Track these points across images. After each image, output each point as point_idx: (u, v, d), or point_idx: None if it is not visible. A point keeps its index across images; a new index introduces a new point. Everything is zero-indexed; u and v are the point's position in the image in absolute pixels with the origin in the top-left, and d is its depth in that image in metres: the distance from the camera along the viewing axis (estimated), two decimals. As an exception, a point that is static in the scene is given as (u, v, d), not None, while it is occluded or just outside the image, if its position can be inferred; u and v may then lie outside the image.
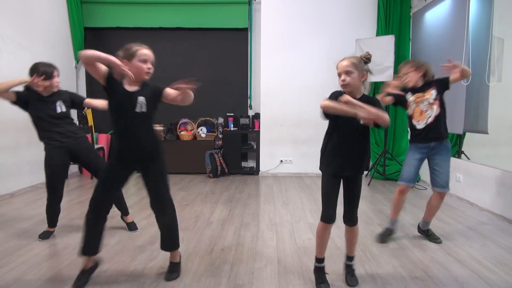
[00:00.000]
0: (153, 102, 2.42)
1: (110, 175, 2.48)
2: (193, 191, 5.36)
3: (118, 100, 2.36)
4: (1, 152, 4.76)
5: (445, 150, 3.18)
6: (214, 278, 2.59)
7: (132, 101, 2.34)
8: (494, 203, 4.17)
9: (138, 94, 2.36)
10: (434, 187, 3.25)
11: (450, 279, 2.59)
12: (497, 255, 3.03)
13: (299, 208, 4.44)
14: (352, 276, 2.55)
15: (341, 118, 2.28)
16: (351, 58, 2.32)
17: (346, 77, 2.29)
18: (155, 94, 2.43)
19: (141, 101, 2.35)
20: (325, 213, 2.40)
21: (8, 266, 2.74)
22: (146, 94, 2.39)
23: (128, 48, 2.34)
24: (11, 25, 4.96)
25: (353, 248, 2.57)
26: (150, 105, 2.40)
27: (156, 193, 2.53)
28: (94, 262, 2.56)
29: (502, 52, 4.42)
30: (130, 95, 2.35)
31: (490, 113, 4.40)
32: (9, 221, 3.81)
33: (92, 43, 6.85)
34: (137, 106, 2.35)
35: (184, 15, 6.71)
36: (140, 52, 2.33)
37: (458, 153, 5.10)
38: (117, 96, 2.35)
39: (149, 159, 2.46)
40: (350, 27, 6.45)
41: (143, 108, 2.36)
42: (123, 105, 2.35)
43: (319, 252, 2.50)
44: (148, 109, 2.38)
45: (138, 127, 2.40)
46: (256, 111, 6.94)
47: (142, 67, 2.34)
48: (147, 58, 2.35)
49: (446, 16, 5.11)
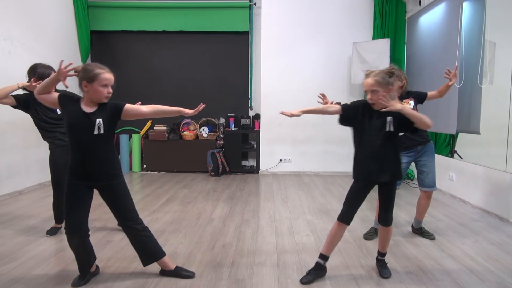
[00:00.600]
0: (111, 122, 2.34)
1: (74, 193, 2.36)
2: (195, 189, 5.45)
3: (75, 121, 2.27)
4: (10, 151, 4.85)
5: (429, 151, 3.31)
6: (215, 273, 2.65)
7: (89, 122, 2.26)
8: (485, 200, 4.27)
9: (95, 116, 2.27)
10: (421, 187, 3.36)
11: (443, 274, 2.67)
12: (489, 251, 3.11)
13: (297, 206, 4.53)
14: (385, 268, 2.66)
15: (364, 125, 2.42)
16: (375, 76, 2.36)
17: (372, 96, 2.37)
18: (114, 113, 2.34)
19: (98, 123, 2.26)
20: (342, 213, 2.51)
21: (17, 261, 2.80)
22: (104, 115, 2.29)
23: (89, 70, 2.26)
24: (20, 29, 5.07)
25: (386, 246, 2.67)
26: (107, 126, 2.30)
27: (119, 210, 2.44)
28: (96, 267, 2.60)
29: (494, 55, 4.50)
30: (88, 116, 2.27)
31: (482, 114, 4.49)
32: (17, 218, 3.89)
33: (98, 46, 6.97)
34: (95, 128, 2.26)
35: (187, 19, 6.82)
36: (102, 76, 2.26)
37: (451, 153, 5.20)
38: (73, 117, 2.28)
39: (105, 179, 2.36)
40: (347, 31, 6.57)
41: (101, 130, 2.27)
42: (79, 126, 2.27)
43: (325, 248, 2.59)
44: (105, 130, 2.29)
45: (94, 149, 2.30)
46: (256, 112, 7.04)
47: (103, 92, 2.27)
48: (108, 83, 2.28)
49: (440, 20, 5.20)
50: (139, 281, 2.51)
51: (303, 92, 6.63)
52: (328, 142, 6.76)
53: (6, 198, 4.68)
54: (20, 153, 5.04)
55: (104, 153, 2.34)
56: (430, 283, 2.53)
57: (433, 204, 4.60)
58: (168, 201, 4.66)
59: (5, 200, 4.63)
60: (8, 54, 4.81)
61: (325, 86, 6.62)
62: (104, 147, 2.34)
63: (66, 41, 6.18)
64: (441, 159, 5.30)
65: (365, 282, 2.54)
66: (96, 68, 2.27)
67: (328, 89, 6.64)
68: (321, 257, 2.59)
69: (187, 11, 6.81)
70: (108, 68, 2.34)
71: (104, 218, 3.85)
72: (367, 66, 6.07)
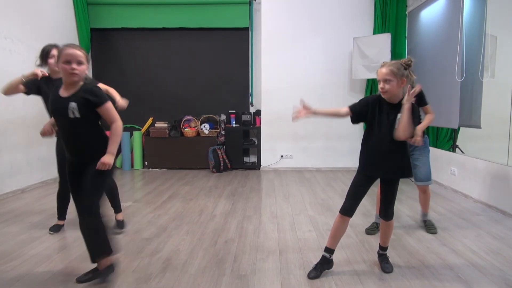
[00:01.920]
0: (87, 108, 2.29)
1: (71, 165, 2.48)
2: (197, 185, 5.46)
3: (52, 105, 2.34)
4: (12, 149, 4.86)
5: (424, 145, 3.29)
6: (218, 269, 2.66)
7: (63, 106, 2.26)
8: (487, 194, 4.27)
9: (70, 100, 2.26)
10: (416, 181, 3.37)
11: (446, 268, 2.67)
12: (491, 244, 3.11)
13: (299, 201, 4.54)
14: (387, 263, 2.67)
15: (375, 119, 2.41)
16: (390, 66, 2.33)
17: (385, 85, 2.34)
18: (91, 103, 2.29)
19: (72, 107, 2.24)
20: (343, 205, 2.51)
21: (20, 259, 2.82)
22: (79, 100, 2.26)
23: (59, 49, 2.30)
24: (20, 27, 5.07)
25: (387, 240, 2.67)
26: (83, 111, 2.27)
27: (80, 191, 2.41)
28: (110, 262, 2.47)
29: (495, 49, 4.49)
30: (62, 101, 2.28)
31: (483, 108, 4.49)
32: (20, 216, 3.91)
33: (98, 43, 6.96)
34: (69, 112, 2.24)
35: (187, 15, 6.80)
36: (63, 52, 2.23)
37: (453, 147, 5.19)
38: (51, 101, 2.35)
39: (86, 160, 2.37)
40: (348, 25, 6.55)
41: (75, 114, 2.25)
42: (56, 111, 2.33)
43: (329, 242, 2.59)
44: (81, 115, 2.27)
45: (72, 131, 2.34)
46: (257, 108, 7.04)
47: (65, 68, 2.22)
48: (70, 59, 2.21)
49: (441, 14, 5.18)
50: (141, 278, 2.52)
51: (304, 87, 6.64)
52: (329, 138, 6.76)
53: (9, 196, 4.70)
54: (22, 151, 5.05)
55: (82, 135, 2.35)
56: (432, 277, 2.53)
57: (435, 198, 4.61)
58: (170, 198, 4.67)
59: (7, 198, 4.64)
60: (8, 52, 4.82)
61: (325, 81, 6.65)
62: (83, 130, 2.34)
63: (66, 39, 6.14)
64: (443, 153, 5.31)
65: (368, 277, 2.55)
66: (63, 47, 2.28)
67: (329, 84, 6.67)
68: (327, 250, 2.59)
69: (187, 7, 6.79)
70: (78, 46, 2.32)
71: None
72: (367, 61, 6.06)
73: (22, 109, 5.01)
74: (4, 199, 4.61)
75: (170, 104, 7.08)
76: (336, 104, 6.68)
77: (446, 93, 4.93)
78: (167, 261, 2.78)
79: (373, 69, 5.77)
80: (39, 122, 3.19)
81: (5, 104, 4.71)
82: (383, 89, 2.35)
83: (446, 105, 4.90)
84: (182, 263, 2.77)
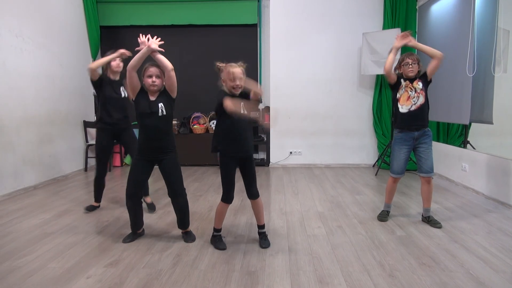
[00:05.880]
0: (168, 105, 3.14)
1: (137, 169, 3.07)
2: (206, 182, 5.49)
3: (143, 108, 2.98)
4: (24, 146, 4.92)
5: (427, 138, 3.42)
6: (227, 265, 2.68)
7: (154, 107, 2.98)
8: (499, 191, 4.23)
9: (158, 101, 3.02)
10: (420, 173, 3.48)
11: (457, 265, 2.65)
12: (503, 241, 3.08)
13: (308, 198, 4.53)
14: (265, 240, 3.04)
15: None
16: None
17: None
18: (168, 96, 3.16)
19: (161, 106, 3.01)
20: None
21: (33, 254, 2.86)
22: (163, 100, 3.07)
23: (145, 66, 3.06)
24: (31, 26, 5.12)
25: (261, 218, 3.07)
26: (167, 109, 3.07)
27: (171, 184, 3.10)
28: (142, 230, 3.25)
29: (508, 43, 4.42)
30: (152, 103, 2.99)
31: (495, 103, 4.43)
32: (33, 212, 3.96)
33: (108, 41, 6.99)
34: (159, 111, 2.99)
35: (195, 12, 6.81)
36: (147, 69, 3.10)
37: (464, 143, 5.14)
38: (141, 104, 2.99)
39: (164, 152, 3.10)
40: (357, 21, 6.50)
41: (163, 112, 3.02)
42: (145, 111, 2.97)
43: (217, 224, 3.05)
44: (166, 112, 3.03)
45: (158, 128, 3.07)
46: (266, 105, 7.03)
47: (147, 81, 3.07)
48: (151, 74, 3.06)
49: (452, 8, 5.12)
50: (152, 274, 2.55)
51: (312, 84, 6.61)
52: (338, 134, 6.73)
53: (21, 193, 4.76)
54: (34, 148, 5.10)
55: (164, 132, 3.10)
56: (443, 274, 2.52)
57: (446, 195, 4.59)
58: (179, 195, 4.69)
59: (19, 195, 4.70)
60: (20, 51, 4.86)
61: (335, 77, 6.61)
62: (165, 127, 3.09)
63: (76, 36, 6.23)
64: (454, 149, 5.25)
65: (378, 274, 2.54)
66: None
67: (338, 80, 6.64)
68: (215, 230, 3.06)
69: (196, 4, 6.80)
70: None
71: (113, 215, 3.91)
72: (377, 56, 6.01)
73: (34, 106, 5.06)
74: (16, 195, 4.67)
75: (179, 101, 6.91)
76: (344, 100, 6.68)
77: (457, 89, 4.87)
78: (177, 257, 2.80)
79: (383, 64, 5.71)
80: (51, 119, 3.24)
81: (17, 101, 4.76)
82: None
83: (457, 101, 4.85)
84: (192, 259, 2.78)
